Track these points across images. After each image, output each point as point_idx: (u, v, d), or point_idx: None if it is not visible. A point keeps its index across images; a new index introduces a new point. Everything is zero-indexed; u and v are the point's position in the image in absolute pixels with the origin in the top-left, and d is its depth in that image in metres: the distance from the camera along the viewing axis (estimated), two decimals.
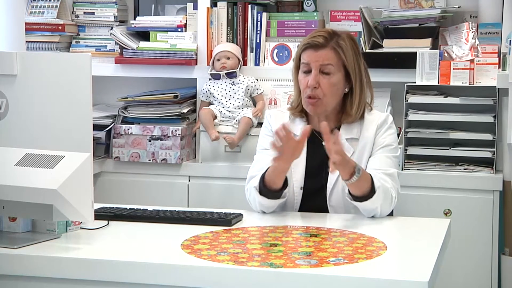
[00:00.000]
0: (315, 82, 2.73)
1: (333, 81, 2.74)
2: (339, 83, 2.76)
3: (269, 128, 2.88)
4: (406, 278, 1.99)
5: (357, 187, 2.62)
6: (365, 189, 2.62)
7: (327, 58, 2.73)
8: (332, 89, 2.75)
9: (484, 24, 3.74)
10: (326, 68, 2.73)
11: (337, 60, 2.74)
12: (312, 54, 2.74)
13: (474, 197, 3.56)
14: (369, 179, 2.63)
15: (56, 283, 2.16)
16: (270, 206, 2.73)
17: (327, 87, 2.73)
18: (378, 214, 2.66)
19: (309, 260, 2.12)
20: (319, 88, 2.73)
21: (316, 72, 2.73)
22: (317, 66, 2.73)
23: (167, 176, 3.88)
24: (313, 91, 2.73)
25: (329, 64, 2.73)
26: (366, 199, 2.62)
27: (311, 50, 2.75)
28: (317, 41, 2.74)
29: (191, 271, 2.08)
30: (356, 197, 2.64)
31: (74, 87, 2.32)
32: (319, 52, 2.73)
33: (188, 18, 4.00)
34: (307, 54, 2.75)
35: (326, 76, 2.74)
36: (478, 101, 3.60)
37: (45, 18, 4.06)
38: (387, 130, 2.81)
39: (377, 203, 2.63)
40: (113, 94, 4.09)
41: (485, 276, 3.56)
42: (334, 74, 2.74)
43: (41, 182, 2.21)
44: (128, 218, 2.60)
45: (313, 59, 2.74)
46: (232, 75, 3.85)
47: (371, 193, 2.62)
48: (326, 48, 2.74)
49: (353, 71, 2.76)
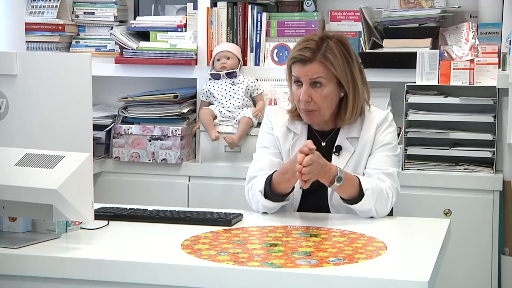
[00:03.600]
0: (307, 96, 2.70)
1: (325, 93, 2.72)
2: (332, 93, 2.73)
3: (269, 126, 2.88)
4: (406, 278, 1.99)
5: (342, 192, 2.65)
6: (352, 193, 2.64)
7: (316, 72, 2.70)
8: (325, 100, 2.72)
9: (484, 24, 3.74)
10: (316, 80, 2.70)
11: (326, 72, 2.70)
12: (301, 68, 2.71)
13: (474, 197, 3.56)
14: (356, 183, 2.64)
15: (56, 283, 2.16)
16: (273, 208, 2.73)
17: (320, 99, 2.72)
18: (375, 215, 2.67)
19: (309, 260, 2.12)
20: (312, 102, 2.72)
21: (307, 86, 2.71)
22: (307, 81, 2.71)
23: (167, 176, 3.88)
24: (307, 105, 2.72)
25: (319, 77, 2.70)
26: (355, 202, 2.64)
27: (299, 64, 2.71)
28: (303, 56, 2.70)
29: (191, 271, 2.08)
30: (346, 200, 2.66)
31: (74, 87, 2.32)
32: (307, 67, 2.70)
33: (188, 18, 4.00)
34: (296, 69, 2.73)
35: (317, 89, 2.71)
36: (478, 101, 3.60)
37: (45, 18, 4.06)
38: (387, 128, 2.80)
39: (369, 205, 2.64)
40: (113, 94, 4.09)
41: (485, 276, 3.56)
42: (326, 86, 2.71)
43: (41, 182, 2.21)
44: (128, 218, 2.60)
45: (302, 73, 2.71)
46: (232, 75, 3.85)
47: (359, 196, 2.63)
48: (314, 62, 2.70)
49: (345, 79, 2.72)
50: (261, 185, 2.70)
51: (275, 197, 2.70)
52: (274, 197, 2.70)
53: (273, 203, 2.71)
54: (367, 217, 2.67)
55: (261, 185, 2.70)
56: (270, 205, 2.71)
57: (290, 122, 2.85)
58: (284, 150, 2.82)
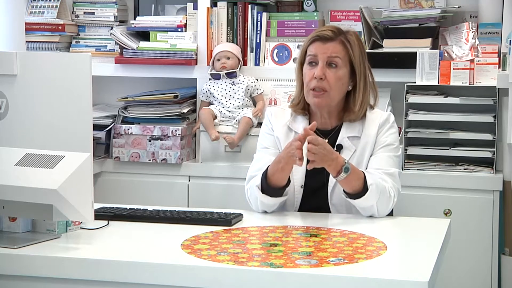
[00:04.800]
0: (322, 73, 2.74)
1: (339, 75, 2.75)
2: (344, 78, 2.77)
3: (269, 126, 2.88)
4: (406, 278, 1.99)
5: (347, 185, 2.64)
6: (357, 186, 2.63)
7: (335, 51, 2.75)
8: (338, 82, 2.75)
9: (484, 24, 3.74)
10: (333, 60, 2.75)
11: (344, 54, 2.76)
12: (320, 46, 2.76)
13: (474, 197, 3.56)
14: (361, 177, 2.64)
15: (56, 283, 2.16)
16: (272, 204, 2.73)
17: (333, 80, 2.74)
18: (376, 213, 2.67)
19: (309, 260, 2.12)
20: (325, 80, 2.74)
21: (323, 64, 2.75)
22: (325, 58, 2.75)
23: (167, 176, 3.88)
24: (319, 83, 2.74)
25: (337, 56, 2.75)
26: (359, 196, 2.63)
27: (319, 42, 2.77)
28: (326, 34, 2.77)
29: (191, 271, 2.08)
30: (349, 195, 2.65)
31: (74, 87, 2.32)
32: (327, 45, 2.76)
33: (188, 18, 4.00)
34: (315, 46, 2.77)
35: (332, 69, 2.75)
36: (478, 101, 3.60)
37: (45, 18, 4.06)
38: (388, 129, 2.81)
39: (371, 201, 2.63)
40: (113, 94, 4.09)
41: (485, 276, 3.56)
42: (341, 68, 2.76)
43: (41, 182, 2.21)
44: (128, 218, 2.60)
45: (320, 51, 2.76)
46: (232, 75, 3.85)
47: (363, 190, 2.63)
48: (335, 41, 2.77)
49: (359, 67, 2.78)
50: (258, 180, 2.71)
51: (272, 191, 2.69)
52: (271, 191, 2.69)
53: (271, 198, 2.70)
54: (368, 215, 2.67)
55: (258, 180, 2.71)
56: (268, 201, 2.71)
57: (292, 119, 2.85)
58: None
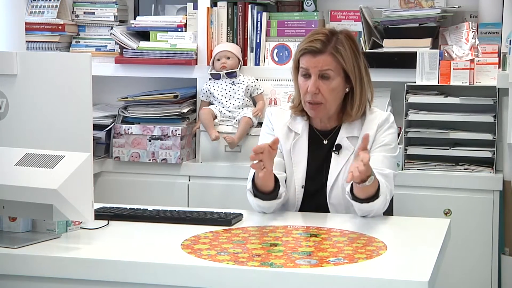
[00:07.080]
0: (315, 88, 2.71)
1: (333, 86, 2.73)
2: (339, 87, 2.75)
3: (270, 126, 2.88)
4: (406, 278, 1.99)
5: (363, 191, 2.59)
6: (370, 193, 2.61)
7: (326, 64, 2.71)
8: (332, 93, 2.73)
9: (484, 24, 3.74)
10: (325, 73, 2.72)
11: (336, 64, 2.72)
12: (311, 60, 2.72)
13: (474, 197, 3.56)
14: (376, 185, 2.61)
15: (56, 283, 2.16)
16: (267, 207, 2.72)
17: (327, 92, 2.72)
18: (371, 215, 2.66)
19: (309, 260, 2.12)
20: (320, 94, 2.72)
21: (315, 77, 2.72)
22: (316, 72, 2.72)
23: (167, 176, 3.88)
24: (314, 97, 2.72)
25: (328, 69, 2.72)
26: (367, 201, 2.61)
27: (309, 55, 2.72)
28: (314, 47, 2.71)
29: (191, 271, 2.08)
30: (358, 199, 2.63)
31: (74, 87, 2.31)
32: (317, 58, 2.71)
33: (188, 18, 4.00)
34: (306, 60, 2.73)
35: (325, 81, 2.72)
36: (478, 101, 3.60)
37: (45, 18, 4.06)
38: (387, 129, 2.80)
39: (376, 207, 2.62)
40: (113, 94, 4.09)
41: (485, 276, 3.56)
42: (334, 79, 2.73)
43: (41, 182, 2.21)
44: (128, 218, 2.60)
45: (311, 65, 2.72)
46: (232, 75, 3.85)
47: (374, 197, 2.61)
48: (324, 53, 2.71)
49: (353, 73, 2.75)
50: (249, 185, 2.71)
51: (263, 196, 2.69)
52: (261, 195, 2.69)
53: (264, 201, 2.70)
54: (362, 216, 2.65)
55: (249, 185, 2.71)
56: (262, 204, 2.70)
57: (292, 120, 2.85)
58: (285, 150, 2.82)
